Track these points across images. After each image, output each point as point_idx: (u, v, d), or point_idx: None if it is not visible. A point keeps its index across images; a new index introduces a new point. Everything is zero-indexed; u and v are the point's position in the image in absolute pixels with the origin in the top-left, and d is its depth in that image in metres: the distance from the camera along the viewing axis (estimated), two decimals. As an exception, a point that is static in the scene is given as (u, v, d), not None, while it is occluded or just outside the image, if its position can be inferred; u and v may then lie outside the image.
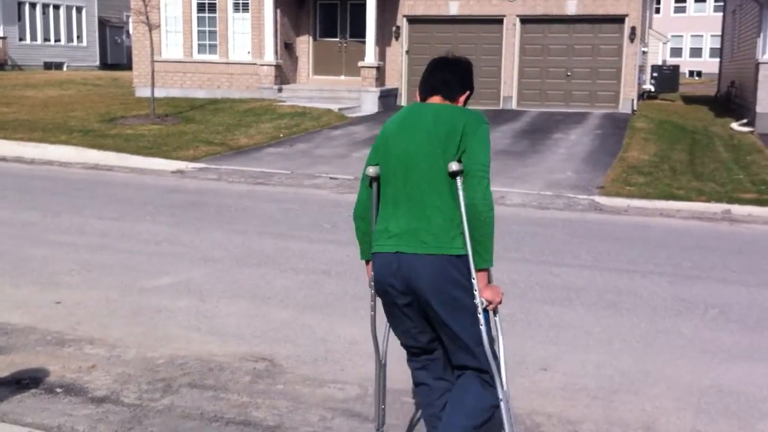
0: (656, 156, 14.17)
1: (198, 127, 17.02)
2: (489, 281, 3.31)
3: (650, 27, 31.59)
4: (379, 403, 3.72)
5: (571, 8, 20.73)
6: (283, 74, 22.16)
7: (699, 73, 50.44)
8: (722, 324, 6.02)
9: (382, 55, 21.92)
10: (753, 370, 5.14)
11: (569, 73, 21.09)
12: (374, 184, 3.47)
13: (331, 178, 12.24)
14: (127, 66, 31.41)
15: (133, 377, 4.75)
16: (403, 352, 3.70)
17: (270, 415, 4.31)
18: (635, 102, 21.20)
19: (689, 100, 27.78)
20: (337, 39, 22.98)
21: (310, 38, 23.10)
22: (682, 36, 51.70)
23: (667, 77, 27.80)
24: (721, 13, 31.56)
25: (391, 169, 3.38)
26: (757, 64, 18.06)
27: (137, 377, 4.75)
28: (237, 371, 4.88)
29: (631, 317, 6.12)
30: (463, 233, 3.23)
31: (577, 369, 5.09)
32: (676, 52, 51.07)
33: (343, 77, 22.87)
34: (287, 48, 22.38)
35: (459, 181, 3.25)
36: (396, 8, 22.00)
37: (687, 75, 48.89)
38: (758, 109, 17.87)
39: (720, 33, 30.54)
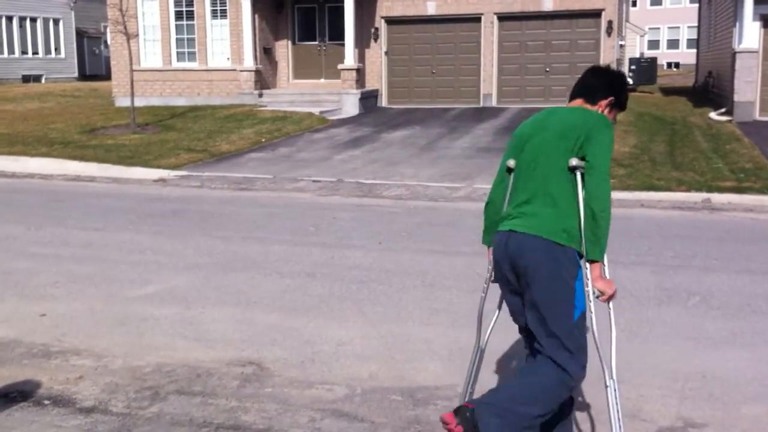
0: (636, 148, 14.28)
1: (179, 134, 16.99)
2: (602, 274, 3.48)
3: (627, 20, 31.80)
4: (468, 384, 3.83)
5: (548, 4, 20.84)
6: (263, 79, 22.15)
7: (677, 65, 50.79)
8: (705, 311, 6.09)
9: (361, 57, 21.95)
10: (736, 355, 5.20)
11: (548, 69, 21.20)
12: (512, 174, 3.69)
13: (314, 181, 12.26)
14: (106, 76, 31.29)
15: (121, 386, 4.75)
16: (396, 353, 3.72)
17: (259, 419, 4.32)
18: (614, 95, 21.30)
19: (668, 91, 27.98)
20: (316, 42, 22.99)
21: (289, 42, 23.10)
22: (659, 28, 52.06)
23: (644, 69, 27.97)
24: (697, 4, 31.82)
25: (523, 166, 3.63)
26: (734, 54, 18.23)
27: (125, 386, 4.75)
28: (225, 376, 4.89)
29: (615, 308, 6.14)
30: (577, 227, 3.45)
31: (562, 361, 5.13)
32: (654, 44, 51.41)
33: (323, 80, 22.88)
34: (266, 53, 22.37)
35: (578, 175, 3.48)
36: (374, 10, 22.04)
37: (665, 67, 49.20)
38: (736, 98, 18.03)
39: (696, 24, 30.78)
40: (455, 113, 20.43)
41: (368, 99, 21.60)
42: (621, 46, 25.61)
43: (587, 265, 3.45)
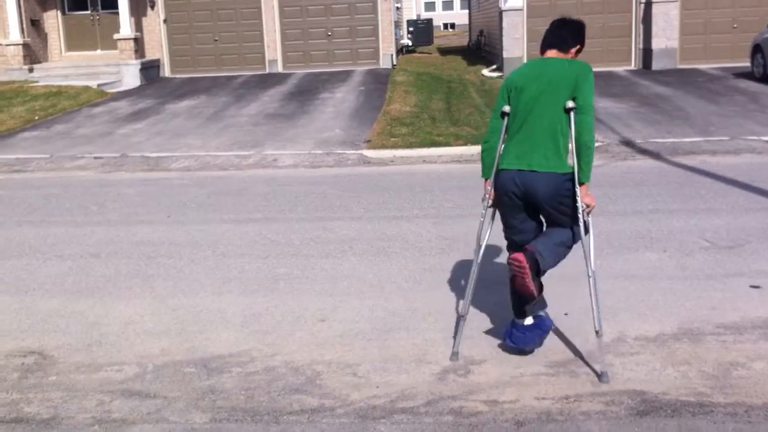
0: (416, 107, 14.83)
1: (-62, 117, 15.57)
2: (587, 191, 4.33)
3: (404, -17, 32.63)
4: (469, 295, 4.71)
5: (325, -32, 20.97)
6: (33, 53, 20.71)
7: (452, 25, 52.98)
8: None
9: (138, 26, 21.06)
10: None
11: (330, 33, 21.41)
12: (506, 118, 4.45)
13: (95, 157, 11.73)
14: None
15: None
16: (188, 326, 3.68)
17: (43, 408, 4.16)
18: (394, 57, 21.94)
19: (444, 51, 29.17)
20: (88, 11, 21.77)
21: (59, 12, 21.70)
22: (434, -10, 53.98)
23: (422, 31, 28.95)
24: (466, -34, 33.20)
25: (521, 109, 4.36)
26: (501, 12, 19.31)
27: None
28: (3, 369, 4.63)
29: (400, 260, 6.46)
30: (567, 157, 4.25)
31: (352, 316, 5.33)
32: (430, 6, 53.31)
33: (99, 51, 21.76)
34: (34, 25, 20.90)
35: (572, 115, 4.24)
36: (147, -24, 21.17)
37: (441, 28, 51.18)
38: (505, 54, 19.15)
39: (468, -15, 32.21)
40: (241, 81, 20.18)
41: (150, 69, 20.82)
42: (398, 8, 26.33)
43: (578, 185, 4.27)
